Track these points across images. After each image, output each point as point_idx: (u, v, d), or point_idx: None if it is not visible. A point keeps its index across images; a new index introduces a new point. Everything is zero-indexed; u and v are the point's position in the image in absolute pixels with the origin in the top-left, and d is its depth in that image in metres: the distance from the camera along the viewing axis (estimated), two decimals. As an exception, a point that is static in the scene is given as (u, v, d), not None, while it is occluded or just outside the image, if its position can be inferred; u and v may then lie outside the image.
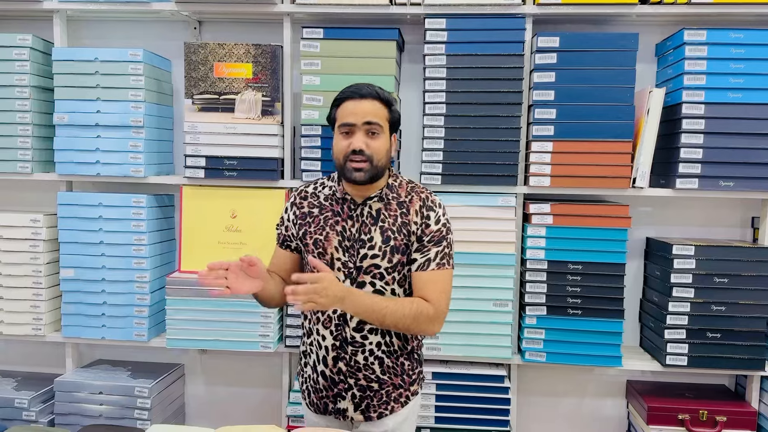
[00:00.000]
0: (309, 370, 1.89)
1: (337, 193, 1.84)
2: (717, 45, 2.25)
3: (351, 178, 1.74)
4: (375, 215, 1.80)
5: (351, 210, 1.81)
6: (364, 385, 1.82)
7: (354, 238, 1.79)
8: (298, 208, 1.87)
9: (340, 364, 1.82)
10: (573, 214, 2.34)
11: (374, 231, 1.79)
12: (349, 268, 1.79)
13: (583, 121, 2.30)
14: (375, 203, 1.81)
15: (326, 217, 1.83)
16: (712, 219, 2.58)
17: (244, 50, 2.41)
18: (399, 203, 1.81)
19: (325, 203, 1.85)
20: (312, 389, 1.89)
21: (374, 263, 1.78)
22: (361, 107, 1.74)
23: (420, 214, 1.80)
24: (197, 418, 2.83)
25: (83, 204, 2.50)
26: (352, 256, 1.79)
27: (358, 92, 1.75)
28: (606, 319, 2.35)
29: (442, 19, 2.32)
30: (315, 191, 1.88)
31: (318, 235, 1.82)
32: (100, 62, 2.44)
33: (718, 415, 2.34)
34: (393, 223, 1.79)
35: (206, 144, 2.45)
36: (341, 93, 1.79)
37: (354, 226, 1.80)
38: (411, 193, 1.83)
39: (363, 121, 1.73)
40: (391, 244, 1.78)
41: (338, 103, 1.79)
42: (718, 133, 2.27)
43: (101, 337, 2.54)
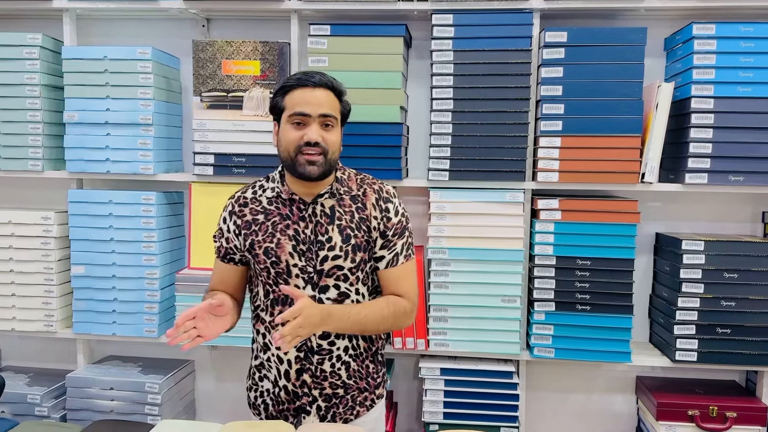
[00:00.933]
0: (267, 384, 1.78)
1: (283, 194, 1.70)
2: (726, 39, 2.23)
3: (304, 172, 1.62)
4: (329, 213, 1.69)
5: (301, 210, 1.69)
6: (330, 393, 1.73)
7: (310, 241, 1.67)
8: (239, 216, 1.73)
9: (304, 376, 1.72)
10: (581, 209, 2.34)
11: (332, 230, 1.68)
12: (308, 273, 1.68)
13: (591, 117, 2.29)
14: (327, 200, 1.70)
15: (274, 222, 1.69)
16: (721, 214, 2.56)
17: (251, 47, 2.42)
18: (352, 198, 1.72)
19: (269, 207, 1.71)
20: (273, 402, 1.78)
21: (336, 264, 1.67)
22: (315, 97, 1.62)
23: (378, 208, 1.72)
24: (207, 413, 2.85)
25: (94, 201, 2.51)
26: (310, 260, 1.67)
27: (310, 80, 1.63)
28: (615, 315, 2.34)
29: (449, 14, 2.32)
30: (255, 195, 1.74)
31: (268, 243, 1.68)
32: (109, 60, 2.45)
33: (728, 410, 2.33)
34: (350, 220, 1.69)
35: (215, 141, 2.46)
36: (289, 80, 1.66)
37: (308, 228, 1.68)
38: (362, 185, 1.75)
39: (319, 113, 1.62)
40: (352, 243, 1.68)
41: (286, 91, 1.65)
42: (727, 128, 2.25)
43: (112, 333, 2.56)
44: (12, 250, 2.56)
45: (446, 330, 2.41)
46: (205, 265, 2.52)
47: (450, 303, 2.38)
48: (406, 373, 2.73)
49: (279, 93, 1.67)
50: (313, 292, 1.69)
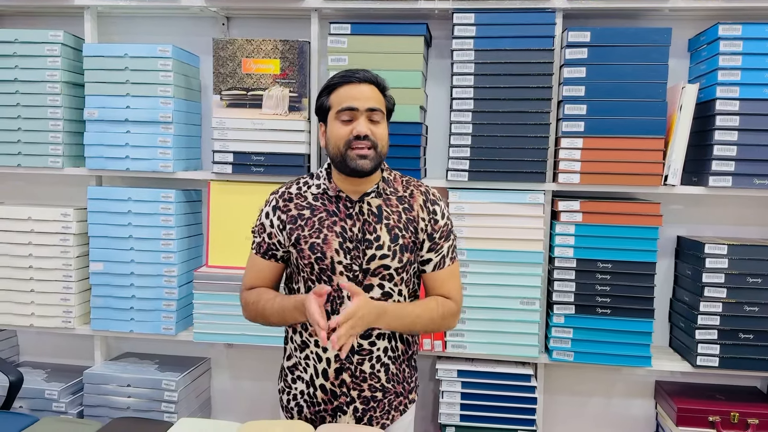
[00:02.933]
0: (301, 385, 1.75)
1: (329, 191, 1.69)
2: (753, 40, 2.20)
3: (356, 167, 1.60)
4: (377, 212, 1.67)
5: (348, 208, 1.67)
6: (368, 396, 1.71)
7: (357, 239, 1.65)
8: (283, 211, 1.70)
9: (343, 375, 1.70)
10: (603, 211, 2.31)
11: (380, 229, 1.66)
12: (353, 271, 1.65)
13: (614, 117, 2.26)
14: (373, 199, 1.68)
15: (321, 218, 1.67)
16: (745, 218, 2.53)
17: (271, 46, 2.41)
18: (399, 198, 1.71)
19: (315, 203, 1.69)
20: (307, 404, 1.75)
21: (384, 264, 1.66)
22: (361, 92, 1.62)
23: (426, 210, 1.71)
24: (223, 411, 2.85)
25: (113, 199, 2.52)
26: (356, 258, 1.65)
27: (355, 75, 1.63)
28: (635, 319, 2.31)
29: (470, 14, 2.30)
30: (300, 191, 1.72)
31: (314, 239, 1.66)
32: (129, 58, 2.46)
33: (749, 417, 2.30)
34: (398, 220, 1.68)
35: (234, 140, 2.46)
36: (332, 79, 1.66)
37: (355, 226, 1.66)
38: (409, 187, 1.74)
39: (366, 107, 1.61)
40: (400, 243, 1.67)
41: (331, 90, 1.65)
42: (752, 130, 2.22)
43: (129, 330, 2.57)
44: (31, 247, 2.57)
45: (464, 332, 2.39)
46: (223, 263, 2.52)
47: (468, 304, 2.37)
48: (423, 375, 2.72)
49: (324, 93, 1.67)
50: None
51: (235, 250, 2.51)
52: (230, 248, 2.52)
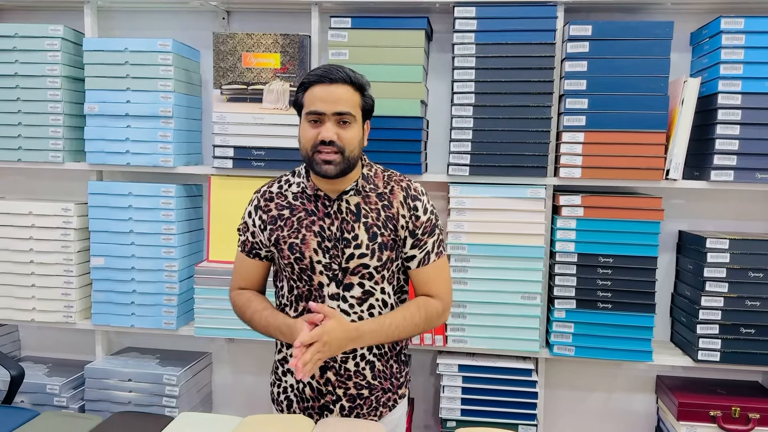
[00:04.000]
0: (291, 378, 1.76)
1: (308, 190, 1.68)
2: (755, 33, 2.19)
3: (320, 171, 1.59)
4: (355, 210, 1.66)
5: (326, 207, 1.66)
6: (354, 393, 1.70)
7: (335, 238, 1.64)
8: (264, 211, 1.71)
9: (328, 374, 1.69)
10: (604, 206, 2.31)
11: (358, 228, 1.65)
12: (333, 271, 1.65)
13: (615, 111, 2.25)
14: (352, 197, 1.67)
15: (299, 218, 1.67)
16: (747, 212, 2.52)
17: (272, 40, 2.41)
18: (378, 195, 1.68)
19: (295, 202, 1.69)
20: (297, 398, 1.75)
21: (362, 263, 1.64)
22: (331, 94, 1.58)
23: (406, 206, 1.68)
24: (224, 406, 2.86)
25: (113, 193, 2.52)
26: (335, 257, 1.64)
27: (328, 76, 1.58)
28: (637, 314, 2.31)
29: (471, 7, 2.29)
30: (280, 190, 1.72)
31: (293, 239, 1.66)
32: (129, 52, 2.46)
33: (751, 412, 2.30)
34: (377, 218, 1.66)
35: (234, 134, 2.45)
36: (308, 76, 1.61)
37: (334, 225, 1.65)
38: (389, 182, 1.71)
39: (333, 111, 1.57)
40: (379, 241, 1.65)
41: (305, 87, 1.61)
42: (755, 124, 2.21)
43: (130, 325, 2.57)
44: (32, 241, 2.57)
45: (465, 326, 2.39)
46: (223, 258, 2.52)
47: (469, 299, 2.36)
48: (424, 369, 2.72)
49: (300, 89, 1.64)
50: (337, 289, 1.66)
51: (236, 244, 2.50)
52: (231, 243, 2.50)
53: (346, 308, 1.67)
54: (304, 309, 1.69)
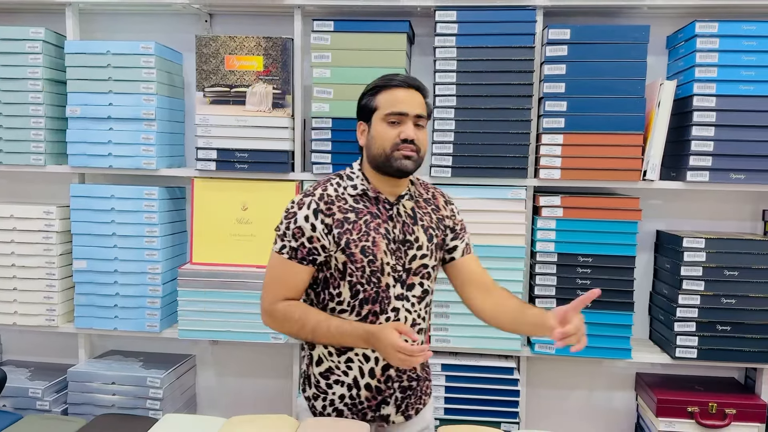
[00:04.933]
0: (341, 389, 1.73)
1: (369, 192, 1.70)
2: (728, 37, 2.24)
3: (400, 166, 1.64)
4: (412, 214, 1.74)
5: (387, 210, 1.71)
6: (406, 385, 1.75)
7: (399, 240, 1.69)
8: (327, 215, 1.66)
9: (390, 370, 1.71)
10: (583, 206, 2.35)
11: (417, 230, 1.72)
12: (398, 272, 1.69)
13: (593, 114, 2.29)
14: (407, 202, 1.74)
15: (366, 221, 1.67)
16: (722, 212, 2.57)
17: (255, 43, 2.42)
18: (425, 200, 1.79)
19: (357, 205, 1.69)
20: (348, 407, 1.73)
21: (423, 263, 1.72)
22: (411, 97, 1.67)
23: (447, 208, 1.82)
24: (208, 408, 2.86)
25: (96, 196, 2.52)
26: (399, 259, 1.69)
27: (406, 82, 1.68)
28: (616, 312, 2.35)
29: (452, 11, 2.32)
30: (338, 193, 1.70)
31: (364, 242, 1.65)
32: (112, 55, 2.46)
33: (727, 407, 2.34)
34: (431, 221, 1.76)
35: (217, 137, 2.46)
36: (383, 80, 1.69)
37: (396, 227, 1.70)
38: (429, 189, 1.84)
39: (415, 113, 1.66)
40: (435, 242, 1.75)
41: (377, 91, 1.69)
42: (729, 126, 2.26)
43: (114, 327, 2.57)
44: (14, 245, 2.56)
45: (447, 326, 2.42)
46: (207, 260, 2.53)
47: (451, 299, 2.37)
48: (407, 369, 2.74)
49: (369, 93, 1.71)
50: (402, 290, 1.70)
51: (219, 247, 2.52)
52: (214, 245, 2.53)
53: (409, 307, 1.72)
54: (369, 312, 1.68)
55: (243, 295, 2.45)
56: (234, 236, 2.52)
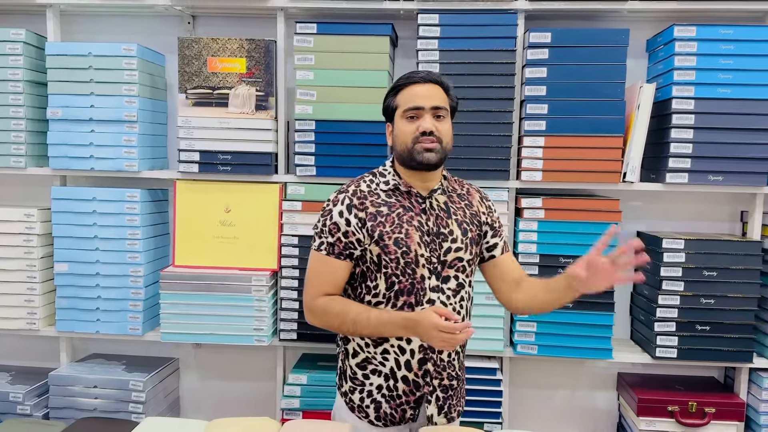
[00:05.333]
0: (378, 379, 1.75)
1: (401, 186, 1.75)
2: (706, 41, 2.27)
3: (422, 160, 1.68)
4: (445, 208, 1.77)
5: (420, 203, 1.75)
6: (447, 384, 1.77)
7: (434, 233, 1.73)
8: (360, 209, 1.72)
9: (427, 365, 1.73)
10: (564, 208, 2.37)
11: (452, 224, 1.75)
12: (432, 264, 1.72)
13: (574, 117, 2.32)
14: (440, 196, 1.78)
15: (399, 214, 1.72)
16: (701, 213, 2.61)
17: (237, 45, 2.42)
18: (459, 195, 1.82)
19: (389, 200, 1.74)
20: (386, 398, 1.75)
21: (458, 256, 1.74)
22: (426, 90, 1.70)
23: (483, 205, 1.86)
24: (192, 411, 2.85)
25: (77, 198, 2.50)
26: (434, 251, 1.72)
27: (418, 76, 1.72)
28: (597, 312, 2.37)
29: (435, 14, 2.34)
30: (371, 189, 1.76)
31: (397, 234, 1.70)
32: (93, 57, 2.44)
33: (707, 406, 2.37)
34: (464, 215, 1.79)
35: (200, 139, 2.45)
36: (400, 80, 1.75)
37: (430, 220, 1.74)
38: (464, 185, 1.87)
39: (431, 105, 1.69)
40: (469, 236, 1.77)
41: (397, 91, 1.74)
42: (707, 128, 2.29)
43: (95, 331, 2.55)
44: (-6, 248, 2.54)
45: (431, 327, 2.42)
46: (189, 263, 2.52)
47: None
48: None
49: (390, 95, 1.76)
50: (437, 282, 1.73)
51: (202, 249, 2.51)
52: (197, 247, 2.52)
53: (444, 300, 1.74)
54: (405, 303, 1.72)
55: (226, 297, 2.44)
56: (217, 238, 2.51)
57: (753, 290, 2.33)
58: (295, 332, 2.47)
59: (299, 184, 2.46)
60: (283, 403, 2.49)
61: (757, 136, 2.29)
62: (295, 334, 2.48)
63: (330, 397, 2.41)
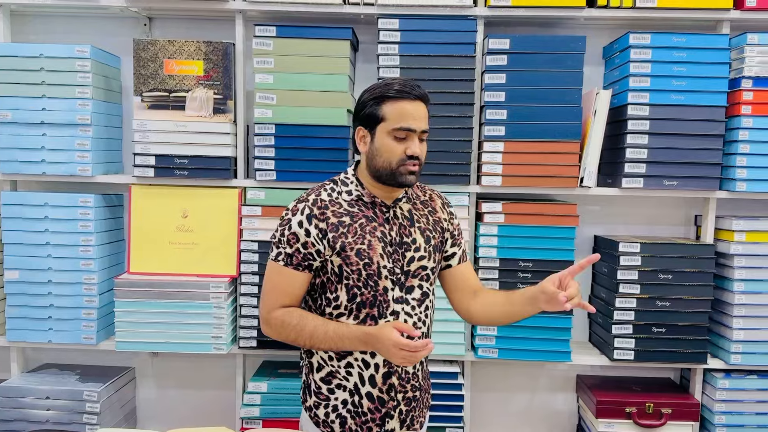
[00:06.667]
0: (343, 394, 1.73)
1: (365, 197, 1.72)
2: (661, 48, 2.32)
3: (404, 182, 1.66)
4: (409, 216, 1.75)
5: (384, 213, 1.72)
6: (410, 396, 1.75)
7: (396, 242, 1.71)
8: (321, 219, 1.67)
9: (392, 378, 1.71)
10: (523, 212, 2.39)
11: (414, 232, 1.74)
12: (396, 275, 1.70)
13: (532, 122, 2.34)
14: (404, 204, 1.76)
15: (361, 224, 1.69)
16: (656, 217, 2.66)
17: (194, 47, 2.38)
18: (422, 202, 1.81)
19: (352, 209, 1.71)
20: (351, 414, 1.73)
21: (422, 265, 1.73)
22: (418, 111, 1.65)
23: (445, 211, 1.85)
24: (149, 422, 2.78)
25: (28, 204, 2.43)
26: (397, 261, 1.70)
27: (412, 92, 1.65)
28: (555, 315, 2.39)
29: (395, 19, 2.34)
30: (332, 198, 1.71)
31: (359, 245, 1.67)
32: (45, 58, 2.37)
33: (663, 407, 2.41)
34: (428, 222, 1.78)
35: (156, 142, 2.40)
36: (388, 88, 1.65)
37: (393, 230, 1.71)
38: (425, 191, 1.86)
39: (422, 129, 1.66)
40: (432, 244, 1.76)
41: (383, 100, 1.65)
42: (662, 134, 2.34)
43: (48, 340, 2.47)
44: (-61, 255, 2.45)
45: (392, 333, 2.41)
46: (145, 270, 2.46)
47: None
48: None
49: (372, 101, 1.66)
50: (401, 293, 1.71)
51: (158, 255, 2.46)
52: (153, 254, 2.46)
53: (409, 310, 1.72)
54: (367, 315, 1.69)
55: (184, 305, 2.40)
56: (174, 244, 2.46)
57: (706, 292, 2.38)
58: (254, 339, 2.44)
59: (259, 188, 2.43)
60: (242, 412, 2.45)
61: (710, 141, 2.34)
62: (255, 342, 2.44)
63: (290, 404, 2.40)
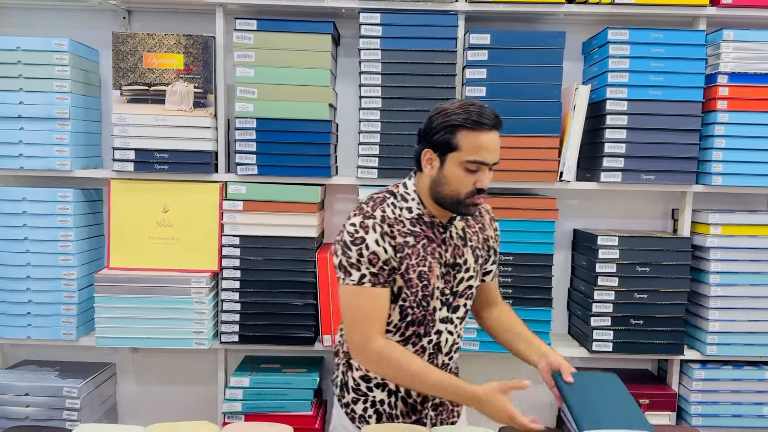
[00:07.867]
0: (381, 393, 1.73)
1: (425, 216, 1.67)
2: (639, 44, 2.35)
3: (467, 212, 1.62)
4: (462, 235, 1.72)
5: (441, 233, 1.68)
6: (438, 402, 1.78)
7: (450, 264, 1.69)
8: (391, 237, 1.62)
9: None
10: (504, 206, 2.39)
11: (467, 252, 1.71)
12: (446, 295, 1.69)
13: (512, 117, 2.34)
14: (458, 222, 1.72)
15: (423, 245, 1.65)
16: (634, 211, 2.69)
17: (174, 41, 2.36)
18: (474, 218, 1.78)
19: (414, 229, 1.65)
20: (385, 413, 1.73)
21: (469, 284, 1.73)
22: (494, 143, 1.58)
23: (492, 227, 1.82)
24: (130, 417, 2.77)
25: (6, 199, 2.40)
26: (448, 283, 1.69)
27: (490, 122, 1.57)
28: (535, 308, 2.42)
29: (376, 13, 2.34)
30: (395, 216, 1.65)
31: (421, 267, 1.64)
32: (22, 51, 2.35)
33: (641, 398, 2.45)
34: (478, 240, 1.75)
35: (135, 136, 2.39)
36: (466, 120, 1.55)
37: (447, 251, 1.68)
38: None
39: (495, 161, 1.60)
40: (479, 263, 1.76)
41: (459, 128, 1.56)
42: (639, 129, 2.37)
43: (27, 336, 2.45)
44: None
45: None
46: (125, 265, 2.45)
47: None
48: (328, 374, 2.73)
49: (447, 127, 1.57)
50: (447, 312, 1.71)
51: (138, 250, 2.44)
52: (132, 249, 2.45)
53: (452, 329, 1.73)
54: (414, 333, 1.69)
55: (164, 300, 2.39)
56: (154, 239, 2.45)
57: (683, 285, 2.42)
58: (236, 334, 2.44)
59: (240, 183, 2.42)
60: (224, 407, 2.44)
61: (687, 136, 2.38)
62: (237, 336, 2.44)
63: (272, 399, 2.40)
